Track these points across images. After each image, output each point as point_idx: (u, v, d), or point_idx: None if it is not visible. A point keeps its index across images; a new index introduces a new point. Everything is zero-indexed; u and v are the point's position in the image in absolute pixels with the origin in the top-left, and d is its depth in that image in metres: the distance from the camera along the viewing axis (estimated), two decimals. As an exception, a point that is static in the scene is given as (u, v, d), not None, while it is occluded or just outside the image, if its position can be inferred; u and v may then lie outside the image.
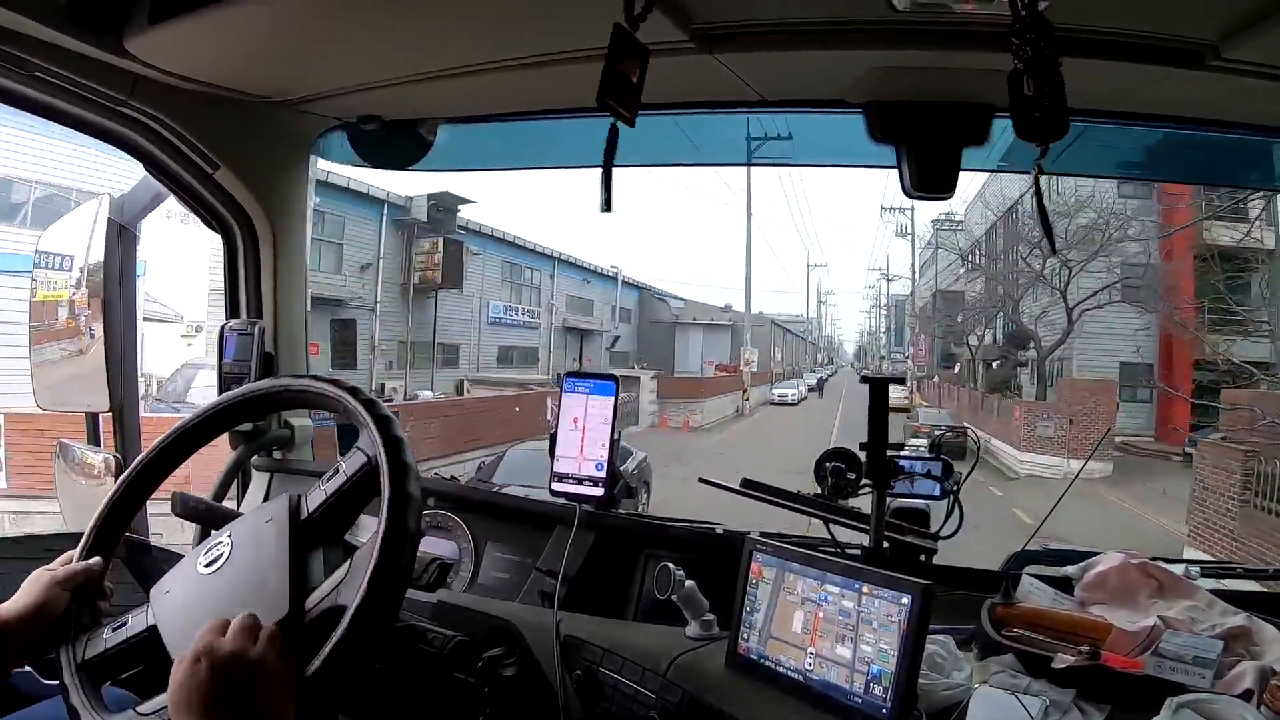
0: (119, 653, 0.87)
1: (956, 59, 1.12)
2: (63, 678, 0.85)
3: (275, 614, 0.79)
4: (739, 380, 25.81)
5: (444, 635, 1.07)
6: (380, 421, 0.86)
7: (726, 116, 1.47)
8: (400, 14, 1.12)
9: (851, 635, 0.91)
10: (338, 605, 0.79)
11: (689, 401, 21.91)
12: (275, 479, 1.69)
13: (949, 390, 26.24)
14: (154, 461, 0.98)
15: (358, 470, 0.86)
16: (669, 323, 32.86)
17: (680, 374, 29.02)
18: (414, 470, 0.84)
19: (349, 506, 0.88)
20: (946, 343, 28.62)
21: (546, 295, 25.41)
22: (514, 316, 23.55)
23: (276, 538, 0.85)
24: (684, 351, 32.18)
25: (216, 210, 1.58)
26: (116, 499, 0.96)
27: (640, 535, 1.37)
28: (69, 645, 0.87)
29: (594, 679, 1.07)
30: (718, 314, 33.54)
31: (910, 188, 1.29)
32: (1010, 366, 20.67)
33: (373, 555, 0.78)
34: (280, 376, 1.03)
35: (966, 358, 24.91)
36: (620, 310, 30.62)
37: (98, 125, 1.34)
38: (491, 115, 1.54)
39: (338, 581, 0.81)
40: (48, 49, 1.13)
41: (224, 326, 1.65)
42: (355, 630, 0.76)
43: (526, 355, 24.36)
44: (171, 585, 0.88)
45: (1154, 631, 0.97)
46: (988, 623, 1.05)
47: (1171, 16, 1.00)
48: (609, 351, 29.30)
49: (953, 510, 1.26)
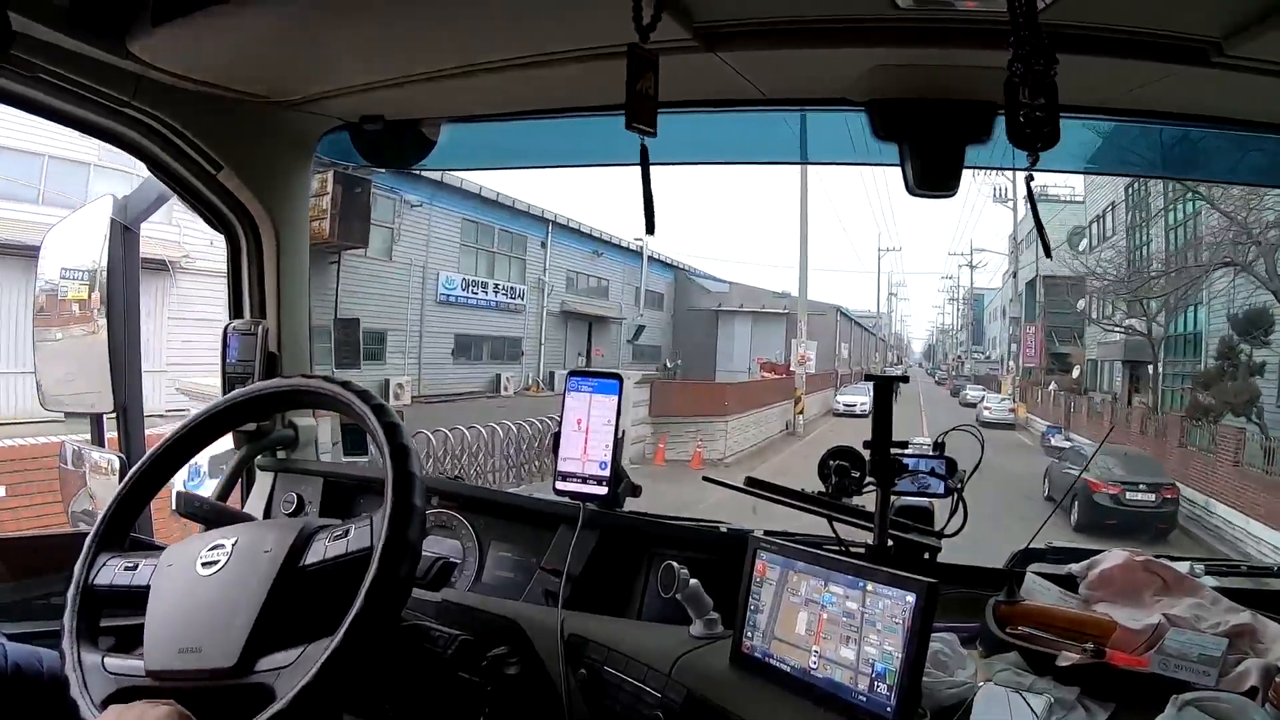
0: (120, 593, 0.90)
1: (959, 56, 1.12)
2: (67, 590, 0.89)
3: (224, 660, 0.81)
4: (790, 385, 18.18)
5: (448, 634, 1.07)
6: (389, 429, 0.86)
7: (730, 115, 1.46)
8: (402, 15, 1.12)
9: (855, 637, 0.91)
10: (268, 688, 0.79)
11: (702, 421, 13.94)
12: (279, 479, 1.69)
13: (1064, 401, 18.97)
14: (158, 462, 0.98)
15: (359, 551, 0.85)
16: (710, 310, 26.22)
17: (724, 372, 23.23)
18: (419, 482, 0.85)
19: (342, 577, 0.86)
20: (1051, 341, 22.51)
21: (537, 269, 19.55)
22: (480, 296, 17.61)
23: (265, 574, 0.85)
24: (727, 345, 25.67)
25: (219, 210, 1.59)
26: (121, 500, 0.97)
27: (644, 534, 1.37)
28: (87, 562, 0.91)
29: (598, 678, 1.07)
30: (770, 300, 26.09)
31: (913, 185, 1.29)
32: (1244, 376, 11.83)
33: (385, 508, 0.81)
34: (290, 376, 1.03)
35: (1085, 357, 19.64)
36: (646, 294, 24.38)
37: (101, 126, 1.35)
38: (494, 115, 1.54)
39: (285, 663, 0.80)
40: (51, 50, 1.14)
41: (227, 326, 1.66)
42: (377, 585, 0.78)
43: (501, 348, 18.56)
44: (175, 559, 0.90)
45: (1158, 629, 0.97)
46: (992, 621, 1.05)
47: (1175, 14, 1.00)
48: (630, 344, 23.78)
49: (957, 508, 1.26)
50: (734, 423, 14.67)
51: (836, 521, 1.26)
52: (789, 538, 1.14)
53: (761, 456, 14.43)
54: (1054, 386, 20.71)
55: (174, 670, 0.82)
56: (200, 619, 0.84)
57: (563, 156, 1.91)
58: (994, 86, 1.12)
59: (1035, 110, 0.80)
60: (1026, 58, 0.78)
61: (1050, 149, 0.83)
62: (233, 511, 1.15)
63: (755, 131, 1.60)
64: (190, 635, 0.83)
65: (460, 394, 15.90)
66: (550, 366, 19.34)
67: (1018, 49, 0.78)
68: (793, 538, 1.16)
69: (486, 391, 17.26)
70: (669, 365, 23.75)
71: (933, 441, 1.28)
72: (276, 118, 1.50)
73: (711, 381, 19.93)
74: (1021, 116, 0.81)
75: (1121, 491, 9.36)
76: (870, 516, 1.21)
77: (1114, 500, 9.29)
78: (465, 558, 1.42)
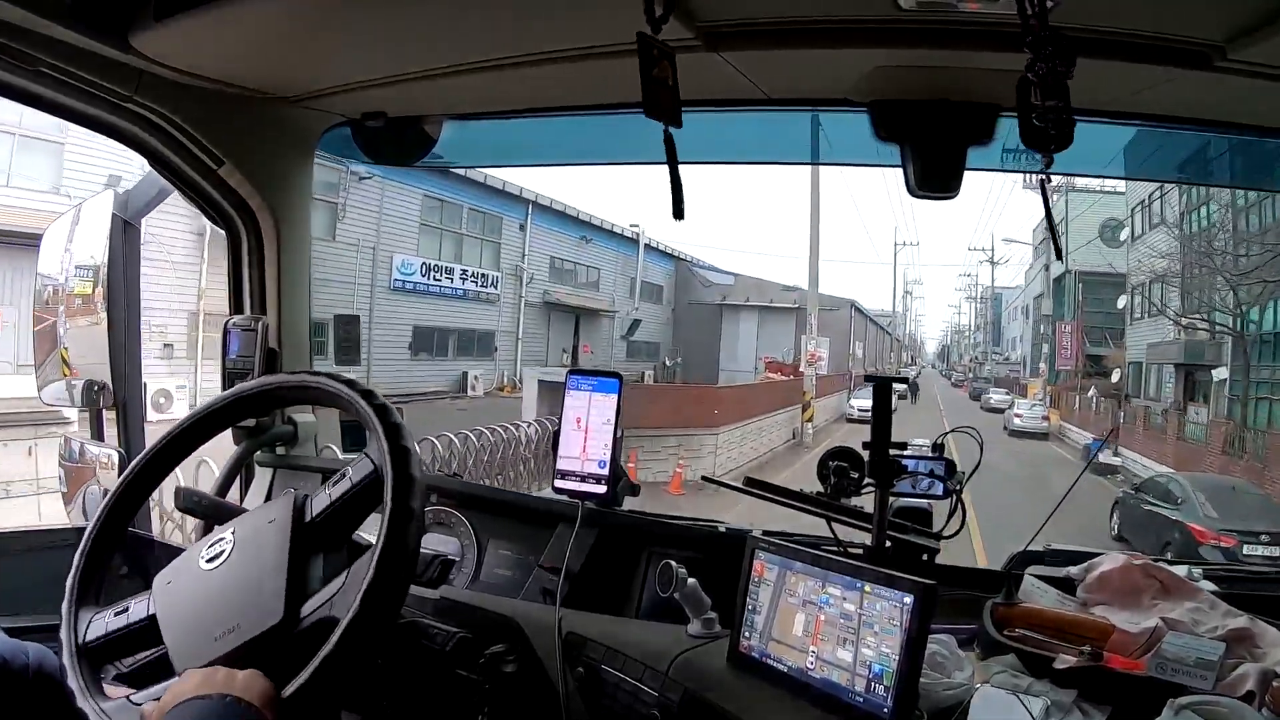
0: (119, 638, 0.88)
1: (962, 58, 1.12)
2: (62, 658, 0.86)
3: (269, 619, 0.80)
4: (799, 387, 15.85)
5: (446, 632, 1.07)
6: (390, 430, 0.86)
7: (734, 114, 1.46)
8: (405, 11, 1.12)
9: (853, 638, 0.91)
10: (330, 617, 0.79)
11: (684, 435, 11.59)
12: (278, 475, 1.69)
13: (1109, 409, 16.82)
14: (158, 456, 0.98)
15: (364, 478, 0.87)
16: (713, 304, 24.37)
17: (728, 372, 21.70)
18: (419, 485, 0.84)
19: (352, 513, 0.88)
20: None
21: (515, 254, 17.54)
22: (444, 283, 15.70)
23: (278, 540, 0.85)
24: (732, 343, 23.87)
25: (221, 206, 1.59)
26: (120, 494, 0.97)
27: (643, 533, 1.37)
28: (71, 625, 0.88)
29: (595, 676, 1.07)
30: (779, 294, 24.00)
31: (914, 187, 1.29)
32: None
33: (369, 571, 0.79)
34: (294, 372, 1.03)
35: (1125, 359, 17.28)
36: (643, 285, 22.55)
37: (103, 121, 1.35)
38: (496, 112, 1.54)
39: (334, 592, 0.81)
40: (53, 45, 1.14)
41: (228, 322, 1.66)
42: (345, 646, 0.76)
43: (470, 342, 16.65)
44: (174, 577, 0.89)
45: (1156, 633, 0.97)
46: (990, 622, 1.05)
47: (1178, 18, 1.00)
48: (625, 340, 22.09)
49: (955, 509, 1.26)
50: (725, 435, 12.51)
51: (835, 522, 1.26)
52: (787, 538, 1.14)
53: (760, 474, 11.48)
54: (1094, 392, 18.70)
55: (218, 656, 0.80)
56: (227, 602, 0.83)
57: (565, 154, 1.91)
58: (996, 88, 1.13)
59: (1049, 112, 0.80)
60: (1050, 58, 0.79)
61: (1063, 150, 0.84)
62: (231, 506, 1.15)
63: (756, 131, 1.60)
64: (222, 620, 0.82)
65: (417, 394, 14.15)
66: (531, 362, 17.29)
67: (1037, 51, 0.79)
68: (791, 538, 1.16)
69: (451, 391, 15.69)
70: (667, 364, 22.65)
71: (932, 443, 1.29)
72: (278, 114, 1.50)
73: (702, 385, 18.14)
74: (1035, 118, 0.81)
75: (1238, 545, 6.92)
76: (869, 517, 1.21)
77: (1227, 555, 6.73)
78: (464, 555, 1.42)
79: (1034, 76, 0.80)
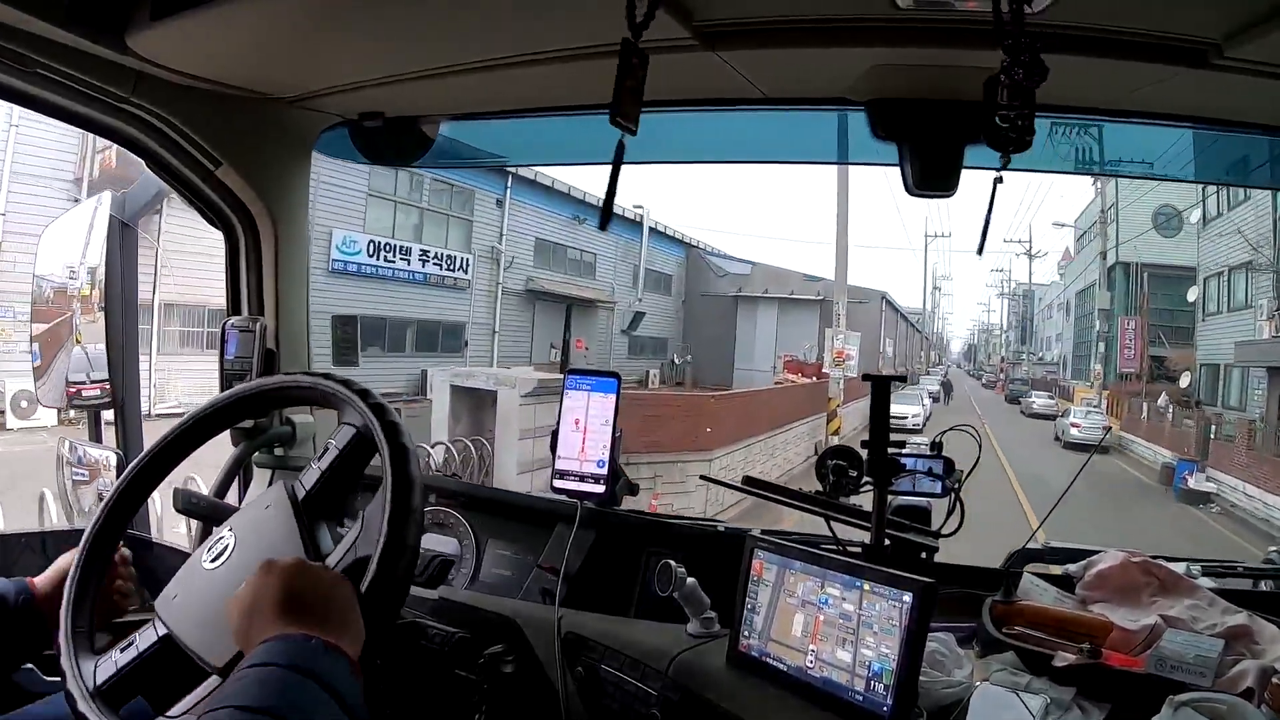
0: (132, 672, 0.86)
1: (959, 57, 1.12)
2: (79, 708, 0.82)
3: None
4: (823, 392, 13.45)
5: (445, 632, 1.07)
6: (388, 429, 0.86)
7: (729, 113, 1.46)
8: (403, 11, 1.12)
9: (852, 639, 0.91)
10: (361, 557, 0.80)
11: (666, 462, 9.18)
12: (276, 476, 1.69)
13: (1191, 421, 14.14)
14: (157, 458, 0.98)
15: (349, 441, 0.89)
16: (728, 296, 21.97)
17: (743, 371, 19.57)
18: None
19: (346, 477, 0.90)
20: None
21: (491, 235, 14.91)
22: (397, 265, 13.38)
23: (281, 518, 0.87)
24: (748, 338, 21.47)
25: (218, 207, 1.58)
26: (119, 495, 0.96)
27: (641, 532, 1.37)
28: (76, 672, 0.84)
29: (595, 676, 1.07)
30: (801, 285, 21.45)
31: (912, 186, 1.29)
32: None
33: (385, 505, 0.80)
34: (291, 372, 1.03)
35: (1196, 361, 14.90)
36: (647, 274, 19.99)
37: (100, 122, 1.34)
38: (494, 113, 1.54)
39: (353, 540, 0.83)
40: (50, 46, 1.13)
41: (225, 323, 1.65)
42: (387, 567, 0.78)
43: (434, 335, 14.26)
44: (178, 590, 0.88)
45: (1155, 630, 0.97)
46: (989, 620, 1.05)
47: (1175, 15, 1.00)
48: (626, 335, 19.74)
49: (954, 508, 1.26)
50: (723, 459, 10.02)
51: (834, 521, 1.26)
52: (786, 537, 1.14)
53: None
54: (1165, 398, 16.17)
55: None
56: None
57: (565, 154, 1.91)
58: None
59: (1012, 114, 0.80)
60: (1026, 65, 0.79)
61: (1022, 153, 0.84)
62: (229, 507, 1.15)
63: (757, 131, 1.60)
64: None
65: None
66: (510, 359, 15.18)
67: (1014, 55, 0.79)
68: (790, 537, 1.16)
69: (406, 393, 13.11)
70: (676, 361, 20.78)
71: (930, 441, 1.29)
72: (276, 114, 1.49)
73: (699, 390, 15.91)
74: (997, 118, 0.81)
75: None
76: (868, 516, 1.21)
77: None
78: (463, 555, 1.42)
79: (1006, 79, 0.80)
